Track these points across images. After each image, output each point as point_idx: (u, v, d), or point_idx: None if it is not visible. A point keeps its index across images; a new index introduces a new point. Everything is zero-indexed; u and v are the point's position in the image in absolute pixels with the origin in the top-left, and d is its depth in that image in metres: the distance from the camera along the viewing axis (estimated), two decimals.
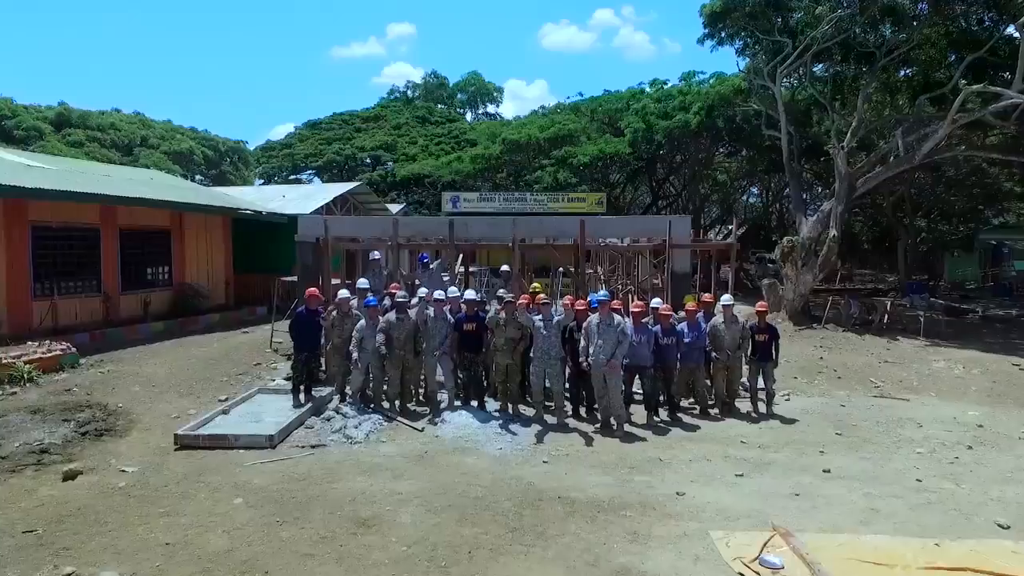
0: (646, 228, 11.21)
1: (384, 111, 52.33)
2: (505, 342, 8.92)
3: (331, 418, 8.60)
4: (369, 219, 11.47)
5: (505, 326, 8.97)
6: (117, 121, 37.39)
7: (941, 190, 30.70)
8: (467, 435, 8.14)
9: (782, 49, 20.77)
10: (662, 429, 8.59)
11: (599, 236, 11.38)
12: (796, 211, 20.96)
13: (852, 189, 18.62)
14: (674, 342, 9.02)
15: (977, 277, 35.55)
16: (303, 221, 11.52)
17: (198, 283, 17.68)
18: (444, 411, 8.96)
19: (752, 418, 9.22)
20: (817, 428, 8.72)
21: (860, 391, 11.09)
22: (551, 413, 8.89)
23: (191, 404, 9.64)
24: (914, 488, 6.55)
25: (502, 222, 11.30)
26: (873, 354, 14.69)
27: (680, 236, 10.75)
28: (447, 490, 6.35)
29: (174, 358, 12.75)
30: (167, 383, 10.86)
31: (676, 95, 32.10)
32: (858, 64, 21.34)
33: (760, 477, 6.85)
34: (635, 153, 31.31)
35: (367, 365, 9.04)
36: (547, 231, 11.33)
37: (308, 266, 11.49)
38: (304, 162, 45.67)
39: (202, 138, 42.93)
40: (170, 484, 6.42)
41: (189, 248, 17.83)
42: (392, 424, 8.54)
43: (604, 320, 8.37)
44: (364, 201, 26.19)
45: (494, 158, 34.89)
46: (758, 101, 23.47)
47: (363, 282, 10.23)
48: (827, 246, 18.31)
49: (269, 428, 7.92)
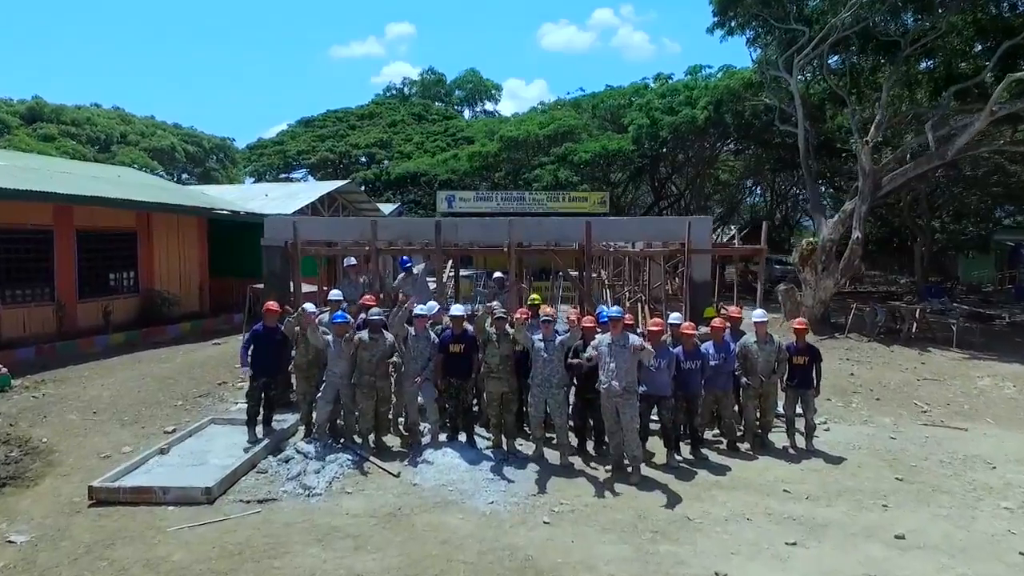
0: (661, 230, 9.78)
1: (379, 108, 50.87)
2: (500, 362, 7.52)
3: (290, 459, 7.18)
4: (345, 220, 10.04)
5: (498, 342, 7.58)
6: (94, 116, 35.77)
7: (958, 188, 29.28)
8: (452, 482, 6.73)
9: (796, 39, 19.44)
10: (686, 472, 7.18)
11: (607, 240, 9.97)
12: (814, 211, 19.56)
13: (877, 187, 17.23)
14: (698, 366, 7.61)
15: (993, 279, 34.20)
16: (270, 223, 10.10)
17: (167, 290, 16.24)
18: (426, 448, 7.55)
19: (790, 455, 7.82)
20: (871, 470, 7.31)
21: (906, 417, 9.69)
22: (552, 446, 7.50)
23: (131, 436, 8.22)
24: (1020, 564, 5.14)
25: (497, 224, 9.89)
26: (908, 369, 13.31)
27: (700, 239, 9.35)
28: (421, 569, 4.95)
29: (128, 376, 11.34)
30: (111, 408, 9.44)
31: (682, 89, 30.72)
32: (876, 55, 20.05)
33: (817, 546, 5.44)
34: (639, 150, 29.90)
35: (335, 394, 7.64)
36: (548, 234, 9.92)
37: (276, 273, 10.08)
38: (296, 160, 44.22)
39: (186, 134, 41.26)
40: (63, 564, 5.00)
41: (158, 251, 16.39)
42: (363, 465, 7.14)
43: (617, 340, 6.96)
44: (354, 200, 24.76)
45: (492, 156, 33.48)
46: (771, 94, 22.11)
47: (336, 293, 8.79)
48: (850, 248, 16.92)
49: (210, 475, 6.50)
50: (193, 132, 42.68)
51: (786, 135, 28.06)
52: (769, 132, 28.15)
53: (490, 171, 34.85)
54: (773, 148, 29.44)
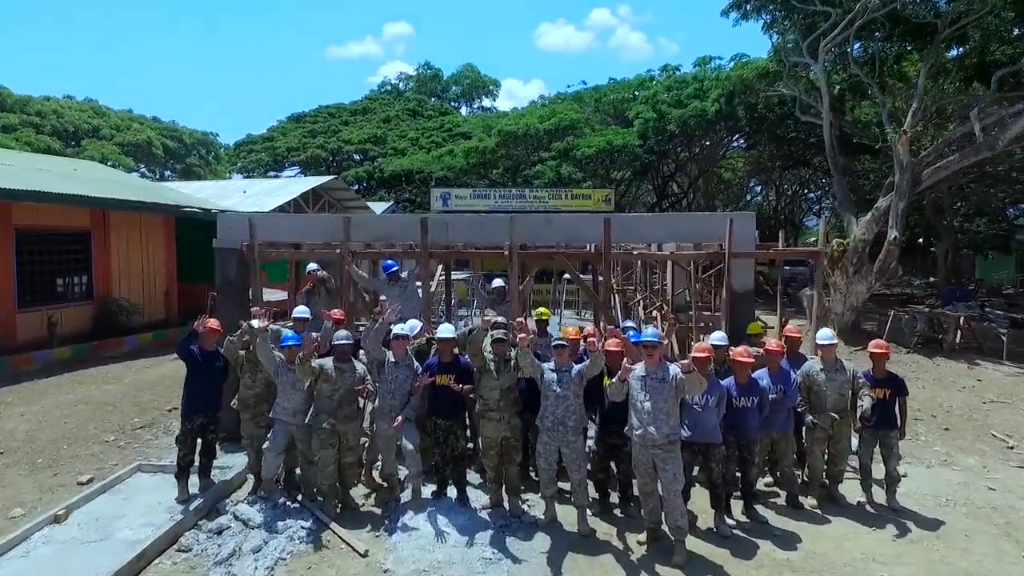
0: (695, 230, 8.07)
1: (373, 104, 49.13)
2: (500, 397, 5.85)
3: (224, 529, 5.48)
4: (314, 218, 8.36)
5: (498, 372, 5.91)
6: (63, 108, 33.75)
7: (981, 186, 27.64)
8: (437, 565, 5.04)
9: (816, 24, 17.82)
10: (743, 544, 5.50)
11: (628, 240, 8.29)
12: (842, 208, 17.87)
13: (916, 182, 15.55)
14: (755, 403, 5.93)
15: (1014, 280, 32.68)
16: (223, 221, 8.38)
17: (125, 297, 14.50)
18: (406, 510, 5.87)
19: (870, 514, 6.14)
20: (984, 541, 5.64)
21: (992, 455, 8.01)
22: (568, 503, 5.84)
23: (35, 489, 6.52)
24: None
25: (495, 222, 8.19)
26: (965, 388, 11.65)
27: (744, 240, 7.68)
28: None
29: (59, 402, 9.62)
30: (25, 447, 7.74)
31: (690, 81, 29.12)
32: (903, 41, 18.47)
33: None
34: (645, 145, 28.23)
35: (285, 440, 5.95)
36: (557, 233, 8.24)
37: (231, 281, 8.38)
38: (286, 157, 42.43)
39: (164, 128, 39.20)
40: None
41: (117, 253, 14.64)
42: (321, 536, 5.45)
43: (654, 373, 5.29)
44: (341, 198, 23.02)
45: (489, 151, 31.77)
46: (789, 84, 20.43)
47: (302, 310, 7.04)
48: (886, 250, 15.24)
49: (109, 560, 4.80)
50: (173, 126, 40.68)
51: (801, 130, 26.51)
52: (783, 126, 26.54)
53: (488, 168, 33.15)
54: (785, 143, 27.78)
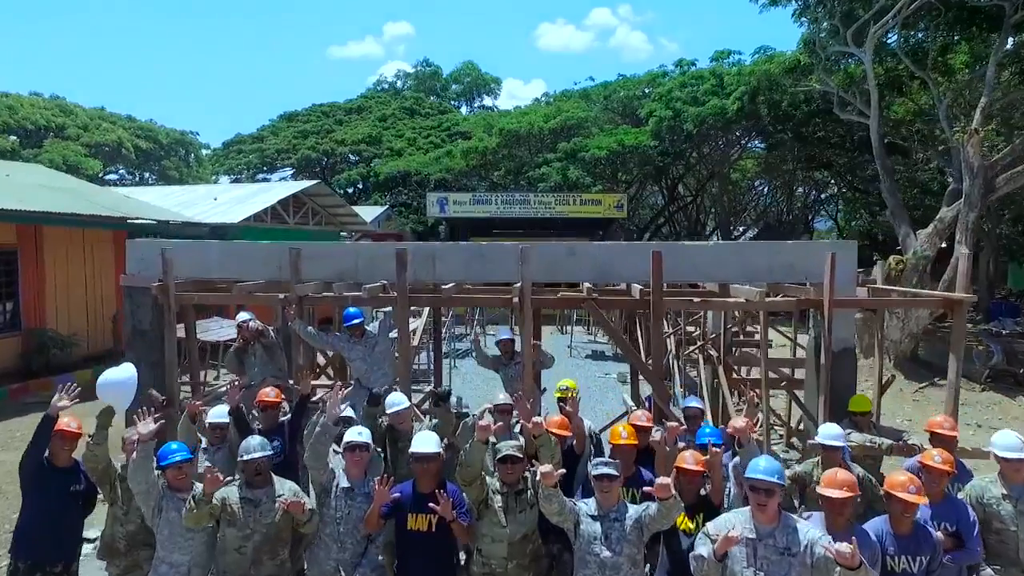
0: (776, 264, 5.77)
1: (368, 102, 46.85)
2: (510, 552, 3.67)
3: None
4: (253, 247, 6.01)
5: (507, 507, 3.71)
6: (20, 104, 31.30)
7: None
8: None
9: (854, 11, 15.69)
10: None
11: (684, 278, 6.00)
12: (895, 219, 15.63)
13: (990, 189, 13.32)
14: (924, 565, 3.70)
15: None
16: (133, 249, 6.04)
17: (58, 329, 12.27)
18: None
19: None
20: None
21: None
22: None
23: None
24: None
25: (500, 254, 5.94)
26: None
27: (846, 281, 5.44)
28: None
29: None
30: None
31: (708, 77, 26.86)
32: (951, 29, 16.41)
33: None
34: (660, 146, 26.03)
35: None
36: (582, 268, 6.00)
37: (144, 332, 6.10)
38: (276, 158, 40.16)
39: (138, 128, 36.75)
40: None
41: (52, 275, 12.43)
42: None
43: (769, 531, 3.10)
44: (326, 204, 20.76)
45: (490, 152, 29.54)
46: (822, 78, 18.21)
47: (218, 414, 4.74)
48: (957, 267, 13.04)
49: None
50: (148, 125, 38.26)
51: (828, 129, 24.33)
52: (809, 124, 24.37)
53: (488, 169, 30.94)
54: (809, 144, 25.55)
